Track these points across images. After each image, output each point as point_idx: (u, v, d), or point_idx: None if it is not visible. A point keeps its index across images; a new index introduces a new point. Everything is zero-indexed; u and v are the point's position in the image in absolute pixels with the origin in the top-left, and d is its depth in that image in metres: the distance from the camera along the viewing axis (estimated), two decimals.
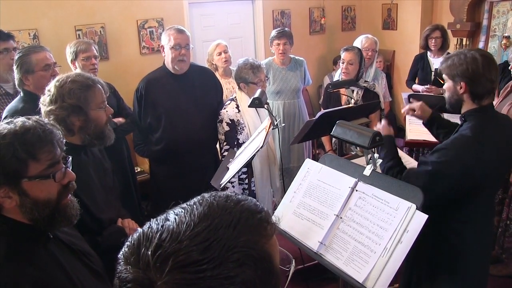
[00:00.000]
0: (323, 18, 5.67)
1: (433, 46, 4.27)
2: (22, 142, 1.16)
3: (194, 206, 0.70)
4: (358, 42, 3.97)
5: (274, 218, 0.74)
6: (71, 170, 1.33)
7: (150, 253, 0.63)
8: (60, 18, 3.96)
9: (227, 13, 5.05)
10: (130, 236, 0.69)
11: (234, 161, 2.56)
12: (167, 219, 0.68)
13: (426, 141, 2.95)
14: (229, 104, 3.02)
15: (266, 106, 2.56)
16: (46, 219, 1.22)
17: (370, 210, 1.73)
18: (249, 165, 2.64)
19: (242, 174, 2.97)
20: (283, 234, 1.91)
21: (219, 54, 3.88)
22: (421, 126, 2.86)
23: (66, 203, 1.28)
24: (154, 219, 0.70)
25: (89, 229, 1.78)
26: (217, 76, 3.61)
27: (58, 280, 1.23)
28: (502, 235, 3.07)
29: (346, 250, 1.71)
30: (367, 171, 1.84)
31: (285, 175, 3.63)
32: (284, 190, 2.35)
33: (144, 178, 4.04)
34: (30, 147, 1.17)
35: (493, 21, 4.82)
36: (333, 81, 3.79)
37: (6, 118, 1.30)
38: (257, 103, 2.50)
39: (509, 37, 4.55)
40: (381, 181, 1.78)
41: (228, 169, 2.53)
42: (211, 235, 0.64)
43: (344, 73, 3.38)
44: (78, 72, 1.83)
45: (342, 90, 3.14)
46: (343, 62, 3.39)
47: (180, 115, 2.99)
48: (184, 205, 0.72)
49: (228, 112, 2.97)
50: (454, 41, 4.99)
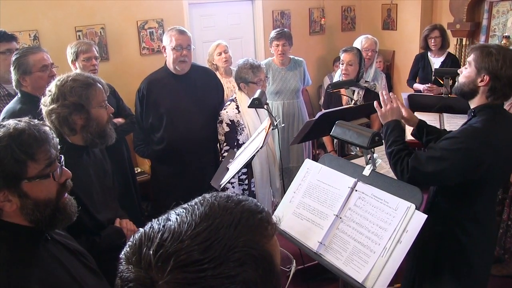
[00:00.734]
0: (323, 19, 5.67)
1: (433, 46, 4.28)
2: (20, 144, 1.15)
3: (195, 206, 0.70)
4: (358, 42, 3.97)
5: (274, 218, 0.75)
6: (72, 170, 1.33)
7: (151, 252, 0.64)
8: (60, 19, 3.96)
9: (227, 13, 5.05)
10: (131, 236, 0.70)
11: (234, 161, 2.56)
12: (169, 219, 0.69)
13: None
14: (229, 104, 3.03)
15: (265, 106, 2.56)
16: (47, 219, 1.23)
17: (369, 210, 1.74)
18: (249, 165, 2.64)
19: (242, 175, 2.98)
20: (283, 234, 1.91)
21: (219, 54, 3.90)
22: None
23: (65, 202, 1.29)
24: (156, 219, 0.71)
25: (87, 229, 1.79)
26: (218, 75, 3.62)
27: (62, 279, 1.24)
28: (503, 236, 3.07)
29: (346, 250, 1.71)
30: (367, 171, 1.84)
31: (284, 175, 3.64)
32: (284, 190, 2.35)
33: (144, 178, 4.04)
34: (28, 148, 1.16)
35: (492, 21, 4.83)
36: (333, 81, 3.79)
37: (4, 120, 1.30)
38: (256, 104, 2.50)
39: (509, 37, 4.55)
40: (380, 181, 1.79)
41: (228, 169, 2.53)
42: (212, 235, 0.65)
43: (343, 74, 3.38)
44: (78, 71, 1.84)
45: (342, 91, 3.14)
46: (343, 63, 3.39)
47: (181, 115, 3.01)
48: (185, 205, 0.72)
49: (228, 112, 2.98)
50: (454, 41, 4.99)
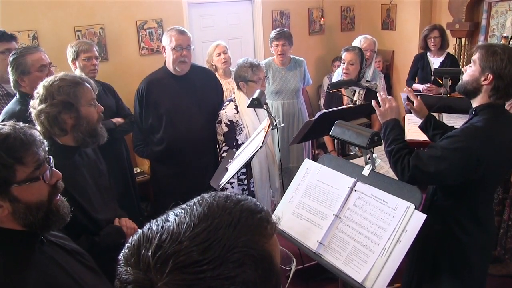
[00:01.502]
0: (322, 19, 5.67)
1: (432, 46, 4.28)
2: (6, 148, 1.14)
3: (194, 207, 0.70)
4: (357, 42, 3.97)
5: (274, 217, 0.74)
6: (65, 171, 1.32)
7: (150, 254, 0.63)
8: (59, 19, 3.96)
9: (227, 13, 5.05)
10: (130, 237, 0.70)
11: (233, 161, 2.56)
12: (167, 220, 0.68)
13: (425, 141, 2.95)
14: (227, 105, 3.02)
15: (265, 106, 2.56)
16: (41, 222, 1.22)
17: (369, 210, 1.74)
18: (248, 165, 2.64)
19: (241, 175, 2.97)
20: (282, 234, 1.91)
21: (219, 55, 3.88)
22: None
23: (57, 203, 1.27)
24: (154, 220, 0.70)
25: (86, 230, 1.79)
26: (217, 76, 3.62)
27: (61, 280, 1.23)
28: (504, 236, 3.07)
29: (345, 250, 1.71)
30: (366, 171, 1.84)
31: (284, 175, 3.63)
32: (283, 190, 2.35)
33: (143, 179, 4.03)
34: (14, 152, 1.15)
35: (491, 21, 4.83)
36: (332, 81, 3.79)
37: (4, 121, 1.29)
38: (256, 104, 2.50)
39: (507, 37, 4.55)
40: (379, 181, 1.79)
41: (227, 169, 2.53)
42: (211, 236, 0.64)
43: (345, 73, 3.37)
44: (65, 72, 1.84)
45: (342, 91, 3.14)
46: (344, 63, 3.38)
47: (181, 116, 3.00)
48: (184, 205, 0.72)
49: (227, 113, 2.97)
50: (453, 41, 5.00)
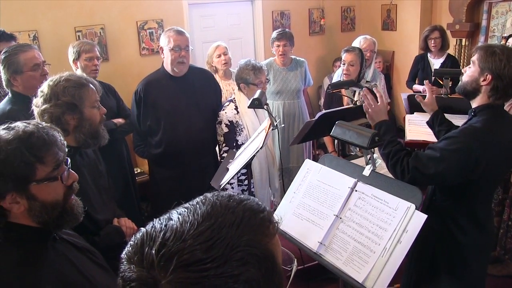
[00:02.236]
0: (323, 19, 5.67)
1: (433, 47, 4.28)
2: (29, 146, 1.17)
3: (197, 206, 0.70)
4: (357, 43, 3.97)
5: (276, 217, 0.75)
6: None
7: (154, 252, 0.64)
8: (60, 19, 3.96)
9: (227, 14, 5.05)
10: (131, 234, 0.70)
11: (234, 162, 2.56)
12: (171, 219, 0.69)
13: (425, 141, 2.96)
14: (228, 105, 3.02)
15: (265, 106, 2.56)
16: (55, 220, 1.25)
17: (369, 210, 1.74)
18: (248, 166, 2.64)
19: (241, 176, 2.97)
20: (283, 234, 1.91)
21: (219, 56, 3.85)
22: (420, 127, 2.87)
23: (71, 203, 1.31)
24: (157, 219, 0.70)
25: (86, 230, 1.79)
26: (217, 78, 3.61)
27: (72, 276, 1.26)
28: (504, 236, 3.07)
29: (346, 250, 1.71)
30: (367, 171, 1.85)
31: (284, 175, 3.63)
32: (283, 191, 2.35)
33: (144, 179, 4.04)
34: (37, 151, 1.18)
35: (492, 21, 4.84)
36: (332, 82, 3.79)
37: None
38: (256, 104, 2.50)
39: (507, 37, 4.55)
40: (380, 181, 1.79)
41: (227, 170, 2.53)
42: (215, 234, 0.65)
43: (345, 74, 3.38)
44: (70, 72, 1.84)
45: (342, 91, 3.14)
46: (344, 63, 3.38)
47: (179, 117, 2.98)
48: (187, 204, 0.72)
49: (227, 113, 2.97)
50: (453, 41, 5.00)
